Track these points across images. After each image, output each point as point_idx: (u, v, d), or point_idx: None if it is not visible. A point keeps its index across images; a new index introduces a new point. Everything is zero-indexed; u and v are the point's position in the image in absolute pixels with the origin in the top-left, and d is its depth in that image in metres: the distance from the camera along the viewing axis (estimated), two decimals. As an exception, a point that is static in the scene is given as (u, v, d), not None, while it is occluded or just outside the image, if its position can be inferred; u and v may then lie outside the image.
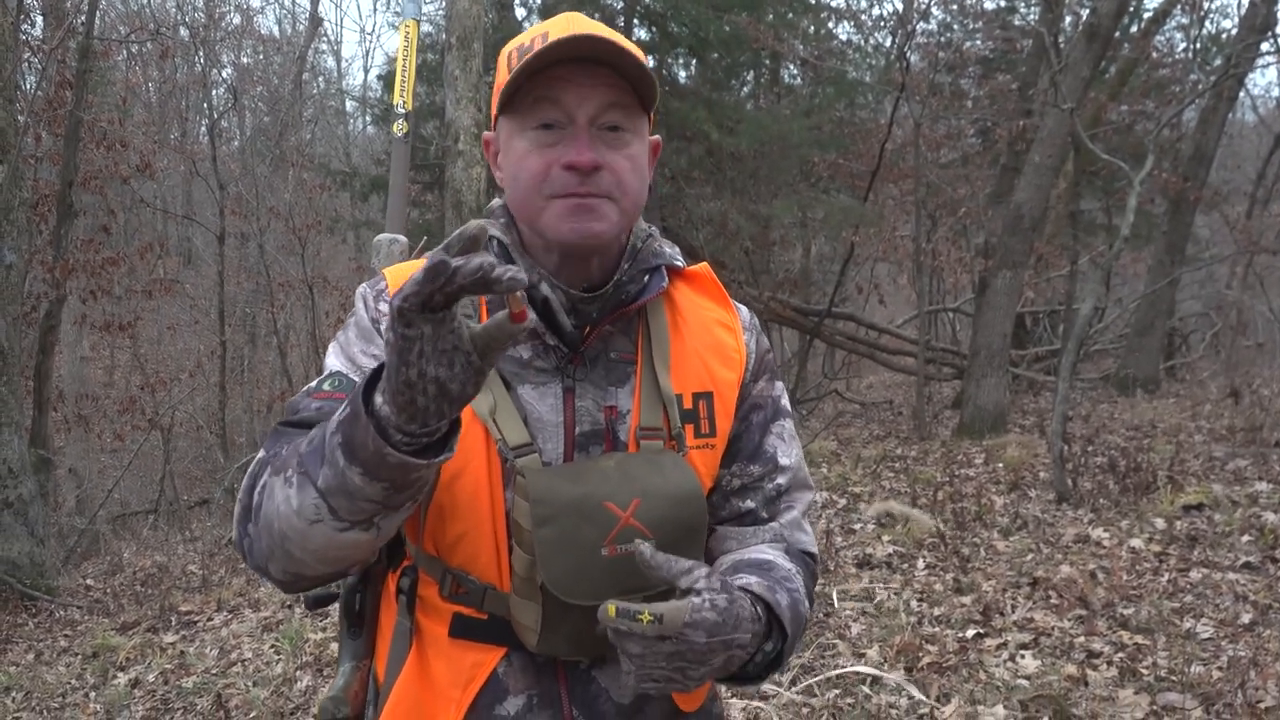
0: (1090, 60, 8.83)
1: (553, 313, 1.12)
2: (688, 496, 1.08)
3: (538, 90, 1.07)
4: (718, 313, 1.23)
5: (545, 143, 1.08)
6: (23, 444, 6.82)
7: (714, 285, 1.25)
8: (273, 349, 15.84)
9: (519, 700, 1.09)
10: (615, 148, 1.09)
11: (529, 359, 1.12)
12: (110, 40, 12.87)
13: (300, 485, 0.92)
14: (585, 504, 1.03)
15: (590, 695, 1.11)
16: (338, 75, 26.29)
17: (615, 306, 1.14)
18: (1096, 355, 14.87)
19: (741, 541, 1.21)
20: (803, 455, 1.28)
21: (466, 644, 1.10)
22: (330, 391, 1.08)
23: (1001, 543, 5.34)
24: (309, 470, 0.92)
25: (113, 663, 5.13)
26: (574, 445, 1.11)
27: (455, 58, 7.09)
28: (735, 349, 1.21)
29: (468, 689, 1.09)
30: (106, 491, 11.97)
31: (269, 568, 1.00)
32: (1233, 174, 17.74)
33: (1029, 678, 3.48)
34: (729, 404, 1.19)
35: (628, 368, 1.15)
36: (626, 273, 1.15)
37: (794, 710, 3.40)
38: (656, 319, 1.18)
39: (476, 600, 1.09)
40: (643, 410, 1.13)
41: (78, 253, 10.21)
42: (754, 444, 1.22)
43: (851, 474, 7.71)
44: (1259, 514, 5.34)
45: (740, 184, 12.20)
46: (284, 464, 0.97)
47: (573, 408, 1.11)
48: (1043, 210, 9.87)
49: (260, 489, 0.99)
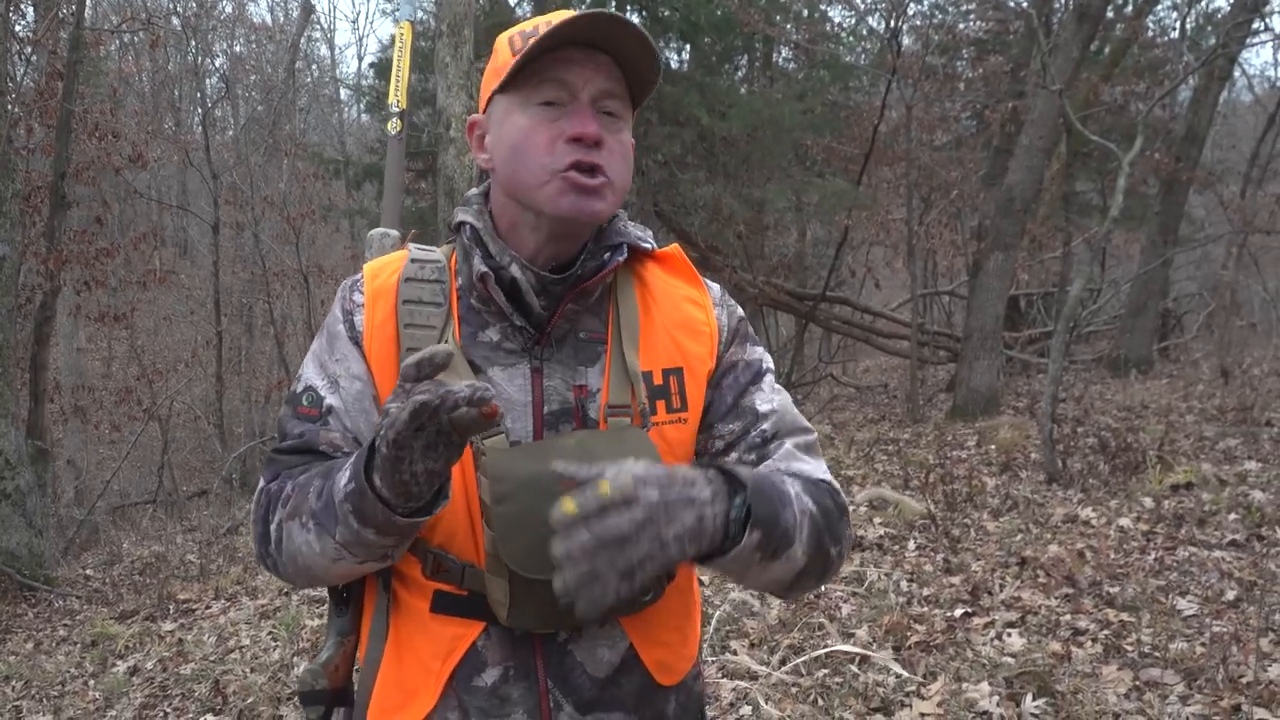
0: (1080, 41, 8.83)
1: (520, 294, 1.14)
2: None
3: (543, 70, 1.10)
4: (687, 290, 1.25)
5: (549, 118, 1.11)
6: (20, 435, 6.86)
7: (684, 265, 1.27)
8: (269, 338, 15.87)
9: (496, 671, 1.13)
10: (611, 132, 1.13)
11: (498, 341, 1.16)
12: (101, 30, 12.84)
13: (319, 534, 1.06)
14: (542, 480, 1.02)
15: (565, 668, 1.14)
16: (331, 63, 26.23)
17: (574, 285, 1.16)
18: (1091, 336, 14.90)
19: None
20: (791, 404, 1.25)
21: (446, 619, 1.14)
22: (308, 408, 1.18)
23: (991, 523, 5.38)
24: (324, 525, 1.05)
25: (111, 651, 5.18)
26: (543, 424, 1.13)
27: (446, 45, 7.07)
28: (705, 323, 1.22)
29: (447, 661, 1.13)
30: (105, 482, 12.02)
31: (295, 583, 1.19)
32: (1228, 153, 17.72)
33: (1014, 655, 3.53)
34: (700, 378, 1.20)
35: (598, 347, 1.17)
36: (589, 251, 1.17)
37: (782, 689, 3.44)
38: (626, 298, 1.20)
39: (456, 578, 1.13)
40: (611, 388, 1.15)
41: (72, 244, 10.21)
42: (727, 404, 1.21)
43: (845, 457, 7.75)
44: (1247, 492, 5.39)
45: (733, 168, 12.18)
46: (296, 510, 1.09)
47: (541, 387, 1.14)
48: (1035, 192, 9.88)
49: (277, 527, 1.12)
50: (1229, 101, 17.65)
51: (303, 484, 1.10)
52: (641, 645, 1.18)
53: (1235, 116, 19.14)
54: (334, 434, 1.16)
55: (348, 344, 1.18)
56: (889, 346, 13.94)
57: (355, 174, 13.56)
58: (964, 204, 12.41)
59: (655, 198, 11.08)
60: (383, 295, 1.19)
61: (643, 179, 10.67)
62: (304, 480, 1.11)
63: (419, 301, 1.17)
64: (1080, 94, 11.03)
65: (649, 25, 11.52)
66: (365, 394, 1.17)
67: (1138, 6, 13.64)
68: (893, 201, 12.82)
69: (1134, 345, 12.06)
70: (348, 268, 15.13)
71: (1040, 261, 13.94)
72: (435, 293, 1.18)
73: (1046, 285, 14.32)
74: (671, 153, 11.56)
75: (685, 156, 11.87)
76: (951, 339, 13.00)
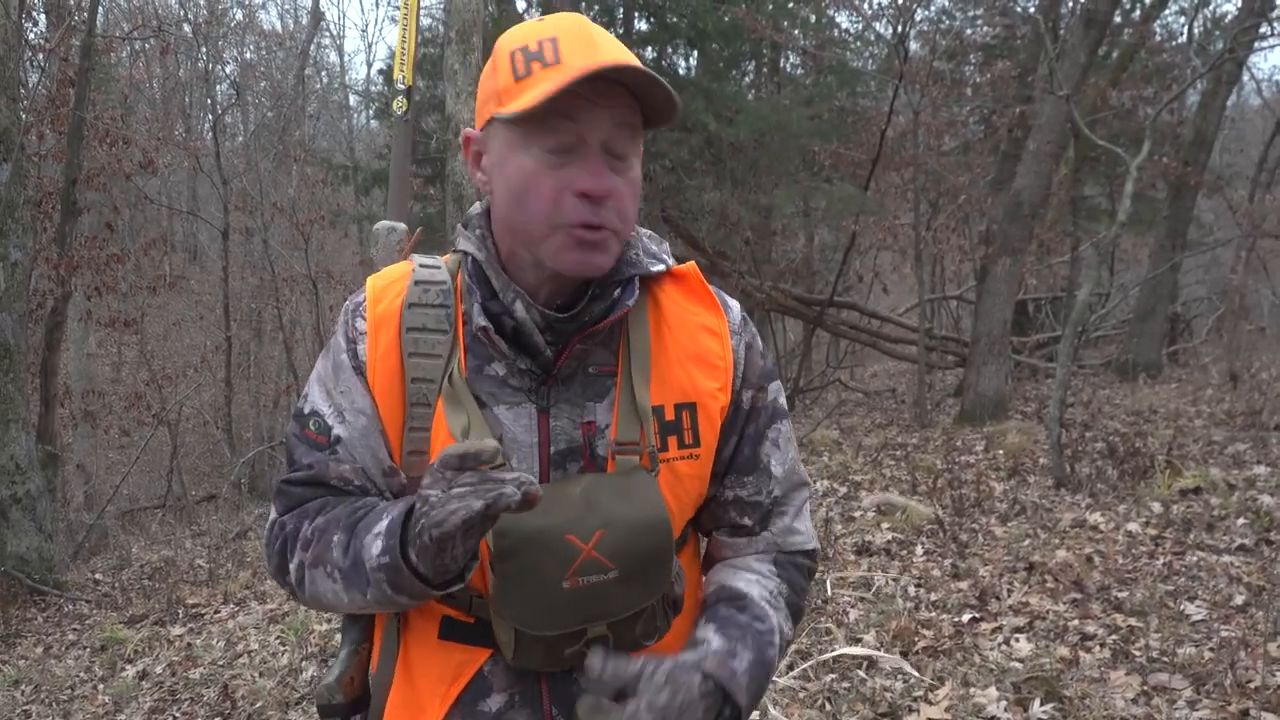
0: (1088, 46, 8.82)
1: (524, 336, 1.11)
2: (652, 525, 1.07)
3: (560, 107, 1.02)
4: (704, 317, 1.19)
5: (556, 164, 1.05)
6: (30, 440, 6.89)
7: (701, 287, 1.21)
8: (278, 344, 15.90)
9: (501, 698, 1.13)
10: (620, 173, 1.08)
11: (503, 376, 1.12)
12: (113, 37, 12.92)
13: (347, 589, 1.08)
14: (546, 536, 1.03)
15: (570, 696, 1.13)
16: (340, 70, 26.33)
17: (582, 326, 1.12)
18: (1100, 341, 14.87)
19: (735, 551, 1.23)
20: (797, 453, 1.28)
21: (453, 645, 1.14)
22: (316, 434, 1.16)
23: (999, 528, 5.37)
24: (353, 582, 1.07)
25: (121, 655, 5.20)
26: (549, 464, 1.11)
27: (455, 52, 7.12)
28: (720, 356, 1.18)
29: (452, 686, 1.13)
30: (114, 487, 12.07)
31: (316, 609, 1.23)
32: (1236, 157, 17.68)
33: (1022, 660, 3.52)
34: (713, 414, 1.17)
35: (607, 380, 1.14)
36: (597, 288, 1.13)
37: (790, 694, 3.44)
38: (639, 327, 1.16)
39: (464, 605, 1.13)
40: (620, 425, 1.12)
41: (82, 250, 10.27)
42: (747, 457, 1.21)
43: (853, 462, 7.74)
44: (1255, 497, 5.37)
45: (741, 174, 12.20)
46: (319, 559, 1.10)
47: (547, 428, 1.11)
48: (1042, 197, 9.87)
49: (298, 568, 1.13)
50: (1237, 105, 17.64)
51: (323, 529, 1.11)
52: None
53: (1244, 120, 19.10)
54: (344, 466, 1.14)
55: (352, 375, 1.15)
56: (897, 351, 13.94)
57: (364, 179, 13.64)
58: (971, 209, 12.40)
59: (663, 203, 11.10)
60: (385, 323, 1.14)
61: (650, 185, 10.69)
62: (323, 525, 1.11)
63: (423, 329, 1.13)
64: (1088, 99, 11.03)
65: (656, 31, 11.58)
66: (371, 429, 1.14)
67: (1145, 11, 13.64)
68: (900, 206, 12.81)
69: (1142, 350, 12.04)
70: (356, 273, 15.17)
71: (1048, 266, 13.92)
72: (440, 319, 1.14)
73: (1054, 290, 14.30)
74: (679, 159, 11.59)
75: (693, 162, 11.90)
76: (959, 344, 12.99)
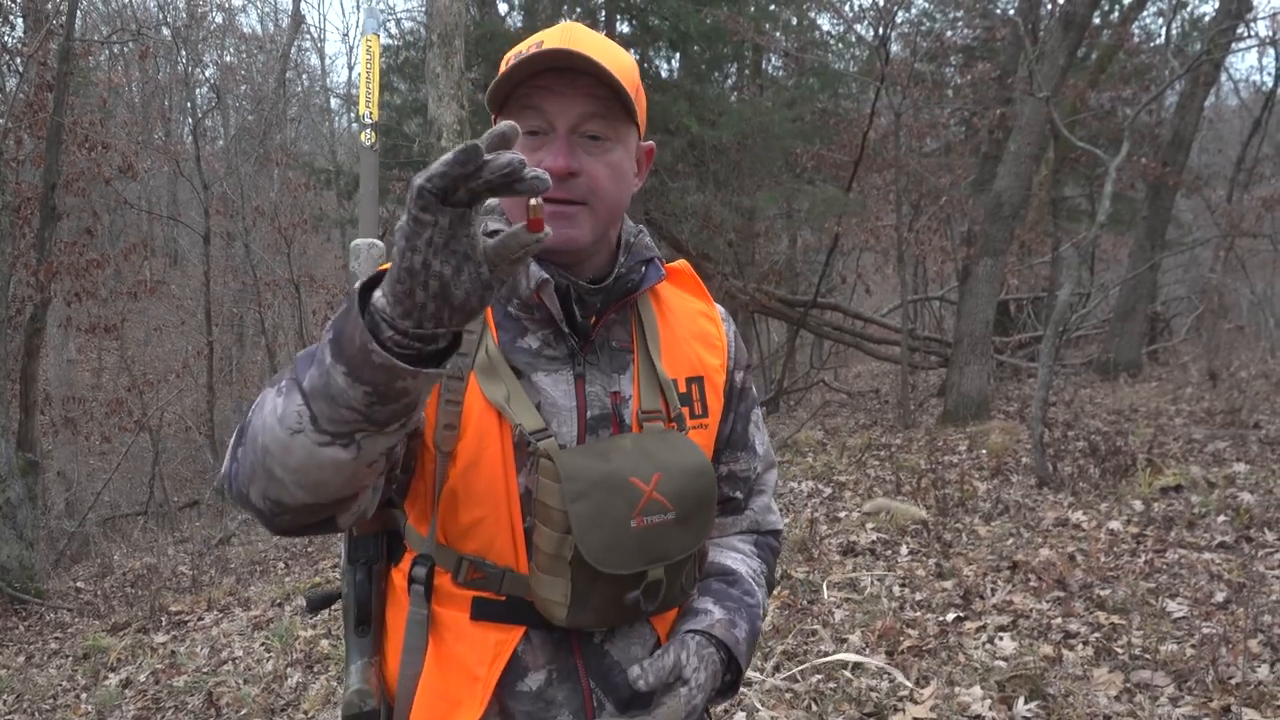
0: (1066, 48, 8.89)
1: (569, 302, 1.19)
2: (701, 470, 1.18)
3: (525, 97, 1.13)
4: (699, 305, 1.33)
5: (532, 147, 1.13)
6: (10, 447, 6.84)
7: (693, 280, 1.35)
8: (260, 348, 15.83)
9: (539, 676, 1.16)
10: (595, 155, 1.14)
11: (538, 348, 1.19)
12: (91, 41, 12.82)
13: (288, 391, 0.93)
14: (612, 479, 1.11)
15: (605, 668, 1.19)
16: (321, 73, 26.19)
17: (617, 296, 1.21)
18: (1080, 340, 14.96)
19: (722, 530, 1.37)
20: (765, 428, 1.43)
21: (487, 625, 1.16)
22: None
23: (983, 528, 5.40)
24: (299, 374, 0.93)
25: (104, 664, 5.16)
26: (586, 428, 1.18)
27: (437, 55, 7.09)
28: (718, 337, 1.32)
29: (493, 666, 1.15)
30: (95, 494, 11.97)
31: (250, 493, 1.00)
32: (1215, 158, 17.83)
33: (1006, 659, 3.55)
34: (717, 387, 1.29)
35: (626, 355, 1.23)
36: (625, 264, 1.22)
37: (777, 695, 3.45)
38: (646, 311, 1.26)
39: (495, 583, 1.15)
40: (642, 394, 1.21)
41: (62, 255, 10.20)
42: (739, 433, 1.36)
43: (837, 463, 7.77)
44: (1235, 494, 5.42)
45: (724, 176, 12.22)
46: (280, 377, 0.99)
47: (584, 393, 1.19)
48: (1023, 198, 9.93)
49: (255, 406, 1.00)
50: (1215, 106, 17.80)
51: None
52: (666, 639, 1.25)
53: (1221, 121, 19.28)
54: None
55: None
56: (880, 352, 13.99)
57: (346, 183, 13.55)
58: (953, 210, 12.45)
59: (646, 206, 11.10)
60: None
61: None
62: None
63: None
64: (1067, 100, 11.11)
65: (639, 34, 11.57)
66: None
67: (1124, 13, 13.75)
68: (882, 208, 12.86)
69: (1123, 349, 12.12)
70: (339, 277, 15.11)
71: (1029, 266, 14.00)
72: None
73: (1036, 290, 14.38)
74: (662, 161, 11.59)
75: (675, 165, 11.90)
76: (942, 344, 13.05)
